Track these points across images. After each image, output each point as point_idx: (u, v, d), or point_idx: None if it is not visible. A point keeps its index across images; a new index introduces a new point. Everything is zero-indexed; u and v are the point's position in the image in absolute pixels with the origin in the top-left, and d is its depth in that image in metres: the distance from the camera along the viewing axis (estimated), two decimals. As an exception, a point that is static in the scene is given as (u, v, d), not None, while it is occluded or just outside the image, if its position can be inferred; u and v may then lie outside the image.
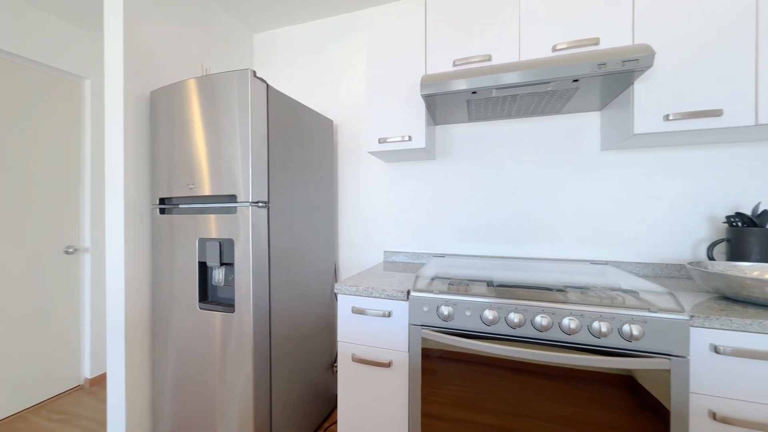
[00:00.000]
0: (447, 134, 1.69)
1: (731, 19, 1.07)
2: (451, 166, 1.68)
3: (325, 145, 1.77)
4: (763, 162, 1.27)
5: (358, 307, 1.17)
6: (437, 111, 1.46)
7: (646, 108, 1.14)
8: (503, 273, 1.23)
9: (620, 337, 0.88)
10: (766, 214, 1.17)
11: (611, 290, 0.99)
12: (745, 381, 0.83)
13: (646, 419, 0.87)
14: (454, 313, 1.01)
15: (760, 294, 0.89)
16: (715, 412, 0.85)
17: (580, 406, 0.92)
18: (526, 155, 1.56)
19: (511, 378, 0.97)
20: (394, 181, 1.79)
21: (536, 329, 0.94)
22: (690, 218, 1.35)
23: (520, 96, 1.27)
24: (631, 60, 1.03)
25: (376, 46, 1.49)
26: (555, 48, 1.23)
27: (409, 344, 1.08)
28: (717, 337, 0.85)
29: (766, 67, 1.03)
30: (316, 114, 1.67)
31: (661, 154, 1.38)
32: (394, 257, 1.77)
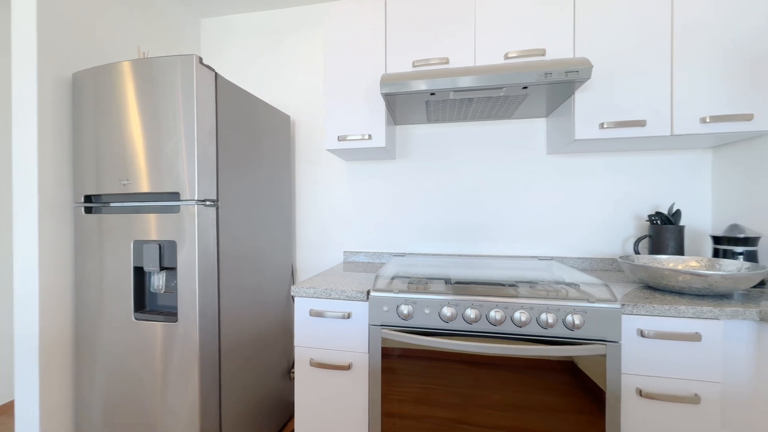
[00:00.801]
0: (407, 134, 1.71)
1: (652, 41, 1.21)
2: (411, 166, 1.70)
3: (282, 141, 1.69)
4: (677, 168, 1.46)
5: (317, 310, 1.13)
6: (397, 111, 1.47)
7: (585, 116, 1.25)
8: (460, 270, 1.27)
9: (564, 327, 0.94)
10: (679, 213, 1.34)
11: (556, 284, 1.07)
12: (665, 360, 0.94)
13: (585, 400, 0.95)
14: (413, 311, 1.02)
15: (675, 283, 1.01)
16: (641, 389, 0.95)
17: (528, 393, 0.97)
18: (481, 157, 1.63)
19: (467, 371, 1.00)
20: (354, 180, 1.77)
21: (491, 323, 0.97)
22: (620, 217, 1.50)
23: (475, 100, 1.31)
24: (573, 71, 1.11)
25: (334, 42, 1.45)
26: (507, 56, 1.29)
27: (369, 345, 1.07)
28: (643, 323, 0.95)
29: (679, 86, 1.19)
30: (272, 108, 1.59)
31: (598, 158, 1.52)
32: (354, 257, 1.75)
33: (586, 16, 1.25)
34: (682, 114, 1.18)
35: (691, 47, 1.18)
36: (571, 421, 0.95)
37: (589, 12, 1.25)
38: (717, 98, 1.16)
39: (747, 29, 1.14)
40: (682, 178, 1.45)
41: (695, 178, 1.45)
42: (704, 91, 1.17)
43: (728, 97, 1.15)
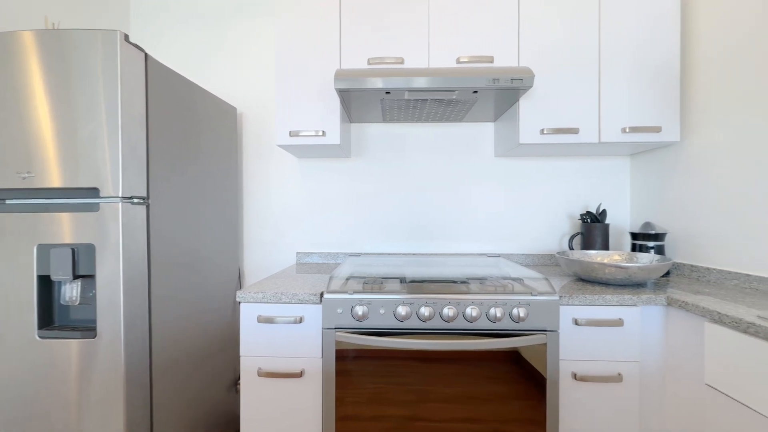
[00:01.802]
0: (362, 133, 1.69)
1: (583, 58, 1.33)
2: (366, 164, 1.69)
3: (227, 134, 1.56)
4: (604, 171, 1.64)
5: (266, 315, 1.05)
6: (353, 108, 1.44)
7: (528, 122, 1.34)
8: (415, 269, 1.28)
9: (510, 320, 1.00)
10: (605, 212, 1.51)
11: (503, 279, 1.12)
12: (595, 345, 1.04)
13: (528, 386, 1.01)
14: (368, 312, 1.00)
15: (602, 275, 1.13)
16: (576, 373, 1.04)
17: (478, 384, 1.01)
18: (434, 158, 1.67)
19: (422, 368, 1.01)
20: (307, 177, 1.70)
21: (444, 320, 0.99)
22: (558, 216, 1.65)
23: (429, 101, 1.34)
24: (518, 79, 1.19)
25: (287, 34, 1.38)
26: (459, 60, 1.34)
27: (322, 350, 1.03)
28: (577, 312, 1.04)
29: (605, 99, 1.33)
30: (215, 99, 1.46)
31: (539, 162, 1.65)
32: (308, 258, 1.68)
33: (529, 30, 1.34)
34: (608, 124, 1.32)
35: (614, 66, 1.32)
36: (516, 407, 1.01)
37: (531, 27, 1.34)
38: (634, 111, 1.32)
39: (658, 54, 1.31)
40: (608, 181, 1.64)
41: (617, 182, 1.64)
42: (625, 105, 1.32)
43: (642, 111, 1.32)
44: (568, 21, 1.33)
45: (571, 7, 1.33)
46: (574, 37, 1.33)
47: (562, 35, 1.33)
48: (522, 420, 1.01)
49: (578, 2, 1.33)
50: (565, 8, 1.33)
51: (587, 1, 1.33)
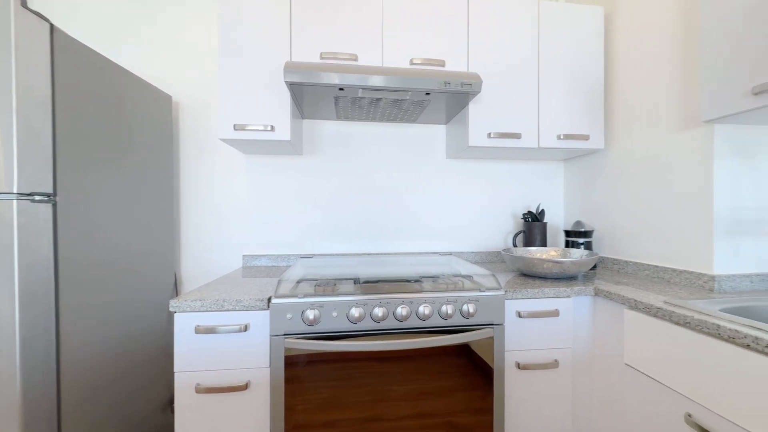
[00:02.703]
0: (315, 130, 1.63)
1: (525, 69, 1.43)
2: (319, 162, 1.63)
3: (161, 125, 1.40)
4: (543, 174, 1.78)
5: (206, 325, 0.96)
6: (305, 103, 1.38)
7: (477, 126, 1.40)
8: (369, 269, 1.27)
9: (461, 316, 1.03)
10: (543, 212, 1.64)
11: (454, 276, 1.16)
12: (535, 335, 1.12)
13: (477, 378, 1.05)
14: (320, 315, 0.96)
15: (541, 270, 1.22)
16: (519, 362, 1.11)
17: (431, 379, 1.03)
18: (389, 158, 1.67)
19: (376, 368, 1.00)
20: (255, 175, 1.60)
21: (398, 320, 0.99)
22: (504, 215, 1.75)
23: (384, 100, 1.33)
24: (467, 83, 1.23)
25: (231, 18, 1.28)
26: (412, 61, 1.35)
27: (270, 359, 0.96)
28: (520, 305, 1.11)
29: (543, 108, 1.44)
30: (145, 84, 1.30)
31: (487, 164, 1.74)
32: (255, 261, 1.57)
33: (478, 40, 1.40)
34: (546, 130, 1.44)
35: (551, 79, 1.44)
36: (467, 398, 1.04)
37: (479, 37, 1.40)
38: (568, 120, 1.45)
39: (587, 71, 1.46)
40: (545, 184, 1.78)
41: (553, 184, 1.79)
42: (560, 114, 1.45)
43: (574, 120, 1.46)
44: (511, 35, 1.42)
45: (515, 22, 1.42)
46: (517, 50, 1.43)
47: (506, 47, 1.42)
48: (472, 410, 1.04)
49: (521, 18, 1.43)
50: (509, 23, 1.42)
51: (528, 18, 1.43)
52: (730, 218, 1.06)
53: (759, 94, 0.87)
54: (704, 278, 1.08)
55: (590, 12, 1.46)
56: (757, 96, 0.87)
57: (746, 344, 0.69)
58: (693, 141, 1.12)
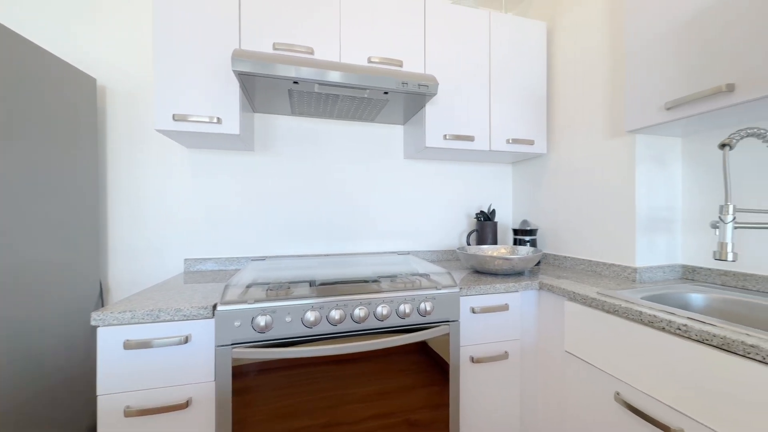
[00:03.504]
0: (269, 125, 1.54)
1: (478, 76, 1.50)
2: (273, 160, 1.54)
3: (81, 111, 1.22)
4: (493, 176, 1.88)
5: (138, 339, 0.85)
6: (256, 96, 1.30)
7: (433, 127, 1.43)
8: (326, 271, 1.23)
9: (418, 314, 1.04)
10: (494, 212, 1.73)
11: (412, 275, 1.17)
12: (488, 329, 1.17)
13: (434, 373, 1.07)
14: (273, 321, 0.90)
15: (493, 267, 1.28)
16: (473, 356, 1.15)
17: (389, 379, 1.02)
18: (347, 157, 1.64)
19: (334, 371, 0.97)
20: (200, 171, 1.46)
21: (355, 321, 0.97)
22: (458, 215, 1.82)
23: (341, 97, 1.30)
24: (424, 85, 1.25)
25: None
26: (370, 59, 1.34)
27: (215, 371, 0.88)
28: (473, 302, 1.16)
29: (494, 113, 1.52)
30: (60, 62, 1.12)
31: (443, 165, 1.79)
32: (200, 266, 1.44)
33: (434, 43, 1.43)
34: (496, 134, 1.52)
35: (501, 86, 1.53)
36: (425, 394, 1.06)
37: (436, 40, 1.44)
38: (516, 126, 1.55)
39: (532, 80, 1.57)
40: (496, 185, 1.89)
41: (503, 185, 1.90)
42: (509, 119, 1.54)
43: (521, 126, 1.56)
44: (465, 41, 1.48)
45: (468, 29, 1.48)
46: (471, 56, 1.48)
47: (461, 53, 1.47)
48: (430, 406, 1.06)
49: (474, 26, 1.49)
50: (463, 30, 1.47)
51: (481, 27, 1.50)
52: (647, 217, 1.21)
53: (670, 109, 1.00)
54: (628, 270, 1.21)
55: (534, 26, 1.58)
56: (669, 111, 1.01)
57: (662, 327, 0.78)
58: (620, 148, 1.26)
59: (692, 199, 1.21)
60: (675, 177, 1.24)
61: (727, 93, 0.87)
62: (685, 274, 1.22)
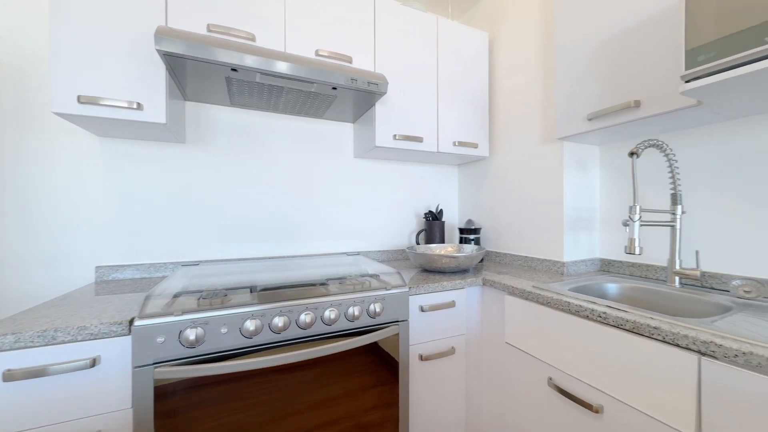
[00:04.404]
0: (204, 115, 1.39)
1: (427, 79, 1.53)
2: (209, 154, 1.40)
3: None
4: (440, 177, 1.94)
5: (25, 368, 0.69)
6: (188, 82, 1.16)
7: (383, 126, 1.42)
8: (269, 275, 1.14)
9: (368, 316, 1.02)
10: (442, 212, 1.79)
11: (362, 276, 1.14)
12: (436, 327, 1.20)
13: (384, 373, 1.06)
14: (205, 334, 0.81)
15: (441, 265, 1.32)
16: (422, 354, 1.16)
17: (339, 382, 0.99)
18: (294, 153, 1.56)
19: (278, 381, 0.90)
20: (116, 165, 1.26)
21: (301, 328, 0.91)
22: (408, 215, 1.84)
23: (286, 90, 1.23)
24: (374, 83, 1.24)
25: (74, -48, 0.97)
26: (318, 52, 1.28)
27: (133, 396, 0.76)
28: (422, 300, 1.17)
29: (442, 116, 1.57)
30: None
31: (393, 165, 1.79)
32: (116, 274, 1.25)
33: (384, 42, 1.43)
34: (444, 136, 1.57)
35: (448, 89, 1.58)
36: (375, 394, 1.04)
37: (386, 39, 1.43)
38: (461, 129, 1.62)
39: (476, 86, 1.65)
40: (443, 186, 1.95)
41: (450, 186, 1.97)
42: (455, 122, 1.60)
43: (467, 129, 1.63)
44: (414, 43, 1.50)
45: (418, 32, 1.50)
46: (420, 59, 1.51)
47: (410, 55, 1.49)
48: (380, 405, 1.05)
49: (423, 29, 1.51)
50: (412, 32, 1.49)
51: (429, 31, 1.53)
52: (572, 216, 1.35)
53: (591, 120, 1.12)
54: (558, 265, 1.34)
55: (478, 36, 1.66)
56: (590, 121, 1.13)
57: (586, 315, 0.86)
58: (551, 154, 1.38)
59: (607, 200, 1.37)
60: (594, 181, 1.40)
61: (635, 108, 1.00)
62: (602, 266, 1.38)
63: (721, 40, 0.72)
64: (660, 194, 1.18)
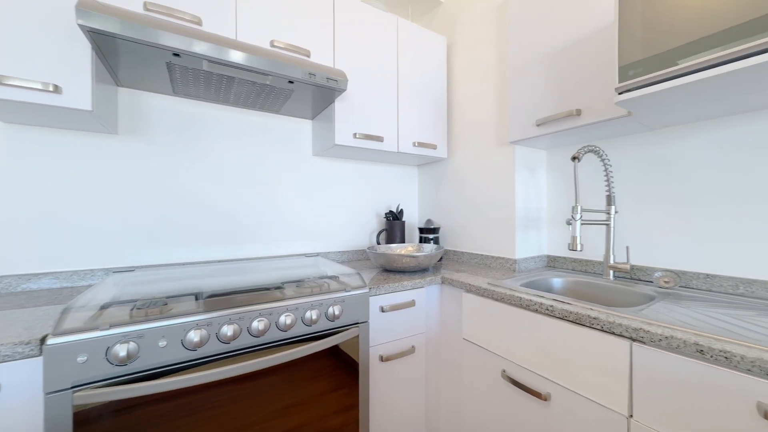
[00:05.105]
0: (143, 104, 1.25)
1: (387, 79, 1.52)
2: (148, 147, 1.26)
3: None
4: (401, 177, 1.95)
5: None
6: (120, 65, 1.03)
7: (343, 124, 1.39)
8: (218, 280, 1.06)
9: (327, 320, 0.98)
10: (402, 211, 1.80)
11: (320, 278, 1.10)
12: (396, 327, 1.20)
13: (345, 374, 1.03)
14: (139, 349, 0.72)
15: (401, 264, 1.32)
16: (382, 355, 1.15)
17: (297, 389, 0.94)
18: (248, 150, 1.46)
19: (230, 392, 0.83)
20: (28, 157, 1.08)
21: (253, 336, 0.85)
22: (369, 214, 1.82)
23: (237, 80, 1.14)
24: (333, 79, 1.20)
25: None
26: (273, 43, 1.22)
27: (45, 427, 0.65)
28: (383, 300, 1.16)
29: (402, 116, 1.57)
30: None
31: (353, 164, 1.77)
32: (28, 284, 1.07)
33: (344, 39, 1.39)
34: (404, 137, 1.57)
35: (408, 90, 1.59)
36: (336, 397, 1.01)
37: (346, 36, 1.40)
38: (422, 130, 1.64)
39: (435, 89, 1.68)
40: (404, 185, 1.97)
41: (410, 186, 2.00)
42: (415, 123, 1.61)
43: (426, 130, 1.66)
44: (375, 43, 1.48)
45: (378, 31, 1.49)
46: (380, 58, 1.50)
47: (371, 54, 1.47)
48: (341, 409, 1.02)
49: (383, 29, 1.51)
50: (373, 31, 1.48)
51: (389, 32, 1.53)
52: (523, 216, 1.43)
53: (539, 126, 1.19)
54: (510, 262, 1.41)
55: (437, 39, 1.70)
56: (539, 127, 1.20)
57: (535, 309, 0.91)
58: (504, 156, 1.46)
59: (553, 201, 1.48)
60: (541, 183, 1.50)
61: (576, 116, 1.08)
62: (549, 262, 1.48)
63: (647, 59, 0.80)
64: (599, 195, 1.30)
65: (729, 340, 0.62)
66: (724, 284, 0.97)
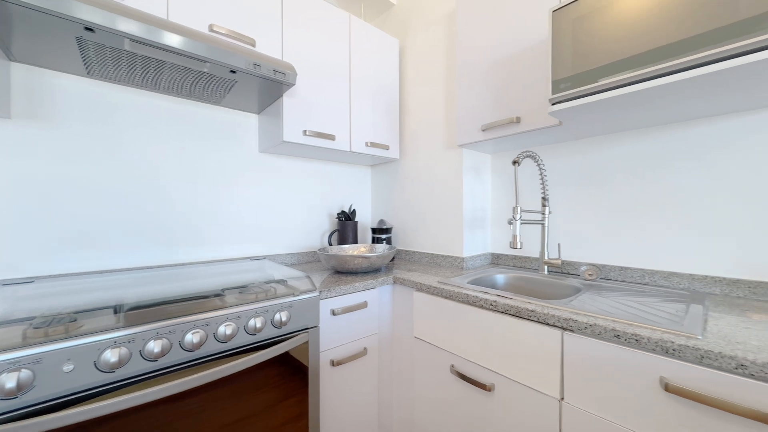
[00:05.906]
0: (44, 83, 1.05)
1: (340, 77, 1.49)
2: (54, 134, 1.07)
3: None
4: (353, 177, 1.93)
5: None
6: (13, 35, 0.85)
7: (292, 121, 1.33)
8: (144, 289, 0.93)
9: (273, 327, 0.92)
10: (355, 212, 1.78)
11: (266, 283, 1.04)
12: (348, 330, 1.17)
13: (294, 381, 0.98)
14: (35, 377, 0.60)
15: (353, 266, 1.30)
16: (333, 359, 1.12)
17: (244, 401, 0.87)
18: (182, 143, 1.32)
19: (163, 413, 0.73)
20: None
21: (187, 350, 0.77)
22: (320, 215, 1.77)
23: (169, 65, 1.02)
24: (281, 72, 1.14)
25: None
26: (212, 27, 1.11)
27: None
28: (334, 303, 1.13)
29: (354, 115, 1.55)
30: None
31: (303, 163, 1.70)
32: None
33: (294, 31, 1.33)
34: (356, 136, 1.55)
35: (360, 89, 1.57)
36: (285, 407, 0.95)
37: (295, 28, 1.34)
38: (374, 130, 1.63)
39: (388, 90, 1.69)
40: (356, 186, 1.95)
41: (363, 186, 1.98)
42: (368, 123, 1.60)
43: (379, 131, 1.65)
44: (327, 38, 1.44)
45: (330, 27, 1.45)
46: (332, 54, 1.46)
47: (322, 49, 1.42)
48: (290, 419, 0.97)
49: (335, 25, 1.47)
50: (324, 26, 1.43)
51: (342, 28, 1.49)
52: (470, 216, 1.50)
53: (484, 131, 1.26)
54: (458, 260, 1.47)
55: (389, 41, 1.71)
56: (484, 132, 1.27)
57: (481, 305, 0.96)
58: (452, 159, 1.51)
59: (497, 202, 1.57)
60: (486, 185, 1.59)
61: (516, 123, 1.16)
62: (493, 259, 1.58)
63: (575, 76, 0.89)
64: (536, 197, 1.41)
65: (639, 325, 0.70)
66: (634, 275, 1.12)
